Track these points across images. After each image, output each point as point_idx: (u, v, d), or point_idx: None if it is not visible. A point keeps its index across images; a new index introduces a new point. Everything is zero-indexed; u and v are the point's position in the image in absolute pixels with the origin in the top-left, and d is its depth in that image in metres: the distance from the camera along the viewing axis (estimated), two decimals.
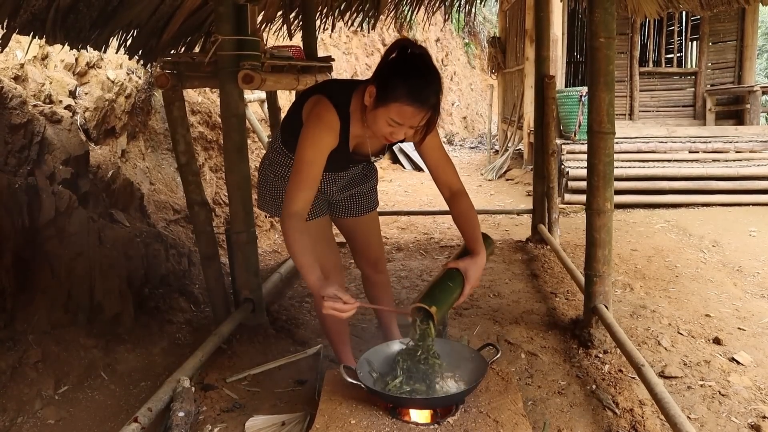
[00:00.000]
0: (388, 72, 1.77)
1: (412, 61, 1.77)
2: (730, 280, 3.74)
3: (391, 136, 1.83)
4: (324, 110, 1.88)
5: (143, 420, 1.92)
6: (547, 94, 4.30)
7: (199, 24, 3.66)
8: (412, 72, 1.75)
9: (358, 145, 2.02)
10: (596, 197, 2.68)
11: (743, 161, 6.28)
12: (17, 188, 2.62)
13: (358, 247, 2.44)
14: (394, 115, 1.75)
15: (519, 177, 7.92)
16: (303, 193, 1.86)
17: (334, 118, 1.88)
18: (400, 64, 1.77)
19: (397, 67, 1.77)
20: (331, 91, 1.94)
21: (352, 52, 10.43)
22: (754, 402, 2.31)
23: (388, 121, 1.78)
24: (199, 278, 3.70)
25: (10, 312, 2.48)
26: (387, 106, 1.75)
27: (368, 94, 1.80)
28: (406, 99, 1.72)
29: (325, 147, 1.88)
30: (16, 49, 3.31)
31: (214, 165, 5.12)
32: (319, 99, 1.92)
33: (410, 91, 1.72)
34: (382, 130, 1.82)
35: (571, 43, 8.84)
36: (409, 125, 1.78)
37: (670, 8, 4.75)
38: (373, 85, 1.78)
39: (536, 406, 2.27)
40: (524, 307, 3.29)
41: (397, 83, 1.73)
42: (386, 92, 1.75)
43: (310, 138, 1.87)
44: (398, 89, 1.73)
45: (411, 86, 1.72)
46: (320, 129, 1.87)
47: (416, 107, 1.73)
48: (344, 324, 2.36)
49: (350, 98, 1.91)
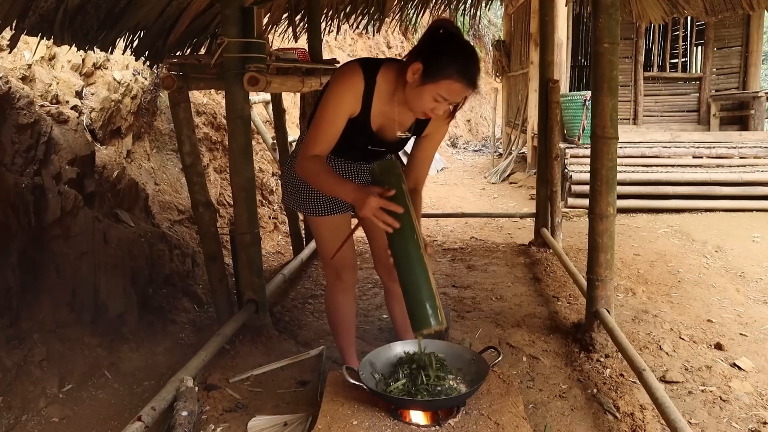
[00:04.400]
0: (437, 49, 1.82)
1: (456, 39, 1.83)
2: (732, 286, 3.73)
3: (432, 112, 1.88)
4: (350, 72, 1.93)
5: (146, 419, 1.93)
6: (551, 98, 4.31)
7: (205, 26, 3.68)
8: (463, 51, 1.82)
9: (382, 128, 2.02)
10: (599, 202, 2.69)
11: (747, 167, 6.27)
12: (23, 188, 2.64)
13: (377, 247, 2.36)
14: (443, 91, 1.80)
15: (522, 180, 7.92)
16: (318, 147, 1.92)
17: (359, 81, 1.91)
18: (449, 42, 1.83)
19: (447, 45, 1.82)
20: (360, 60, 1.99)
21: (357, 55, 10.46)
22: (755, 408, 2.31)
23: (435, 97, 1.82)
24: (202, 279, 3.72)
25: (16, 310, 2.50)
26: (437, 82, 1.80)
27: (412, 70, 1.83)
28: (458, 76, 1.79)
29: (345, 107, 1.92)
30: (24, 50, 3.34)
31: (219, 166, 5.14)
32: (347, 63, 1.99)
33: (462, 70, 1.79)
34: (425, 105, 1.85)
35: (575, 47, 8.84)
36: (452, 101, 1.85)
37: (674, 13, 4.76)
38: (418, 61, 1.82)
39: (537, 409, 2.28)
40: (526, 311, 3.30)
41: (449, 61, 1.79)
42: (437, 69, 1.79)
43: (332, 97, 1.92)
44: (450, 66, 1.78)
45: (463, 65, 1.80)
46: (343, 89, 1.91)
47: (465, 84, 1.80)
48: (352, 323, 2.37)
49: (378, 69, 1.94)
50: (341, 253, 2.20)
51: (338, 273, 2.27)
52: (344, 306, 2.33)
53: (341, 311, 2.34)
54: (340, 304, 2.33)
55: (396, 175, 1.86)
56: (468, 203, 6.99)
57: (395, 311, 2.42)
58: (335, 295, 2.32)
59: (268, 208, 5.32)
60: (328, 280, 2.35)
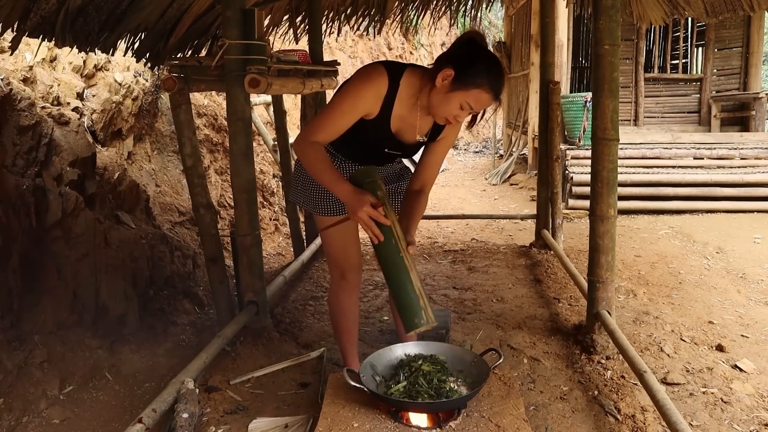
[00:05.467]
0: (471, 58, 1.86)
1: (486, 52, 1.89)
2: (733, 287, 3.73)
3: (456, 119, 1.92)
4: (376, 72, 1.95)
5: (147, 421, 1.93)
6: (551, 99, 4.31)
7: (206, 28, 3.69)
8: (495, 64, 1.88)
9: (399, 132, 2.05)
10: (600, 203, 2.69)
11: (748, 168, 6.27)
12: (25, 189, 2.64)
13: None
14: (471, 99, 1.85)
15: (523, 182, 7.92)
16: (324, 134, 1.94)
17: (383, 83, 1.93)
18: (482, 54, 1.88)
19: (480, 55, 1.87)
20: (385, 62, 2.02)
21: (358, 56, 10.46)
22: (756, 410, 2.31)
23: (462, 104, 1.86)
24: (203, 280, 3.72)
25: (17, 312, 2.50)
26: (467, 90, 1.84)
27: (442, 76, 1.86)
28: (488, 87, 1.84)
29: (362, 104, 1.94)
30: (26, 52, 3.34)
31: (220, 167, 5.14)
32: (372, 64, 2.01)
33: (492, 82, 1.84)
34: (450, 111, 1.89)
35: (576, 48, 8.84)
36: (477, 111, 1.89)
37: (675, 15, 4.76)
38: (449, 67, 1.85)
39: (538, 411, 2.28)
40: (527, 313, 3.30)
41: (481, 71, 1.84)
42: (469, 77, 1.83)
43: (353, 91, 1.95)
44: (481, 77, 1.83)
45: (494, 77, 1.85)
46: (367, 85, 1.93)
47: (492, 96, 1.86)
48: (355, 323, 2.38)
49: (402, 73, 1.96)
50: (347, 254, 2.23)
51: (343, 273, 2.28)
52: (348, 306, 2.34)
53: (345, 311, 2.34)
54: (344, 304, 2.33)
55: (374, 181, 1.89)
56: (469, 204, 6.99)
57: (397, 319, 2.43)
58: (339, 295, 2.33)
59: (268, 209, 5.33)
60: (332, 280, 2.36)
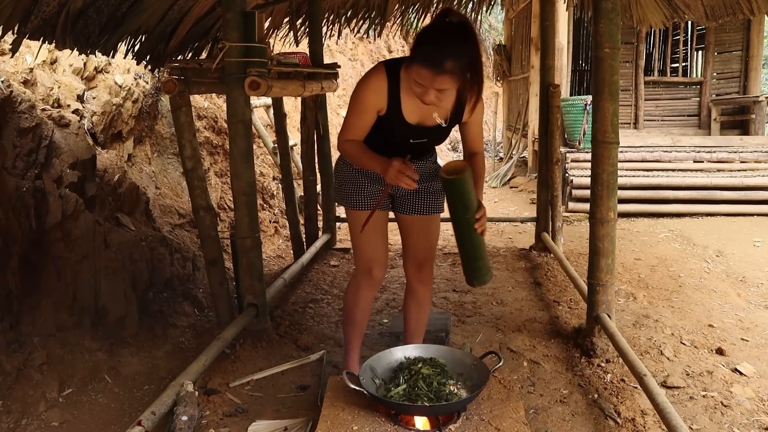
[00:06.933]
0: (419, 36, 1.89)
1: (440, 27, 1.87)
2: (733, 291, 3.73)
3: (423, 98, 1.90)
4: (373, 72, 2.06)
5: (147, 423, 1.93)
6: (551, 102, 4.31)
7: (207, 30, 3.70)
8: (432, 36, 1.85)
9: (422, 121, 2.10)
10: (600, 206, 2.69)
11: (748, 171, 6.27)
12: (25, 191, 2.64)
13: (410, 244, 2.36)
14: (415, 75, 1.86)
15: (523, 185, 7.92)
16: (350, 134, 2.10)
17: (381, 79, 2.02)
18: (427, 28, 1.90)
19: (423, 31, 1.90)
20: (385, 61, 2.10)
21: (358, 59, 10.47)
22: (756, 413, 2.31)
23: (413, 83, 1.89)
24: (203, 283, 3.72)
25: (16, 314, 2.50)
26: (410, 67, 1.88)
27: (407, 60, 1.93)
28: (422, 60, 1.83)
29: (368, 104, 2.05)
30: (26, 54, 3.35)
31: (220, 170, 5.15)
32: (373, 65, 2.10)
33: (424, 55, 1.83)
34: (414, 91, 1.91)
35: (576, 51, 8.85)
36: (432, 87, 1.85)
37: (675, 18, 4.77)
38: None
39: (538, 414, 2.27)
40: (527, 316, 3.29)
41: (419, 46, 1.86)
42: (412, 55, 1.87)
43: (356, 92, 2.07)
44: (419, 51, 1.85)
45: (426, 50, 1.83)
46: (366, 87, 2.05)
47: (430, 70, 1.81)
48: (366, 319, 2.40)
49: (400, 66, 2.02)
50: (375, 249, 2.27)
51: (370, 268, 2.28)
52: (365, 301, 2.36)
53: (361, 305, 2.36)
54: (362, 298, 2.35)
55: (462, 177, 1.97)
56: None
57: (410, 312, 2.43)
58: (361, 289, 2.33)
59: (268, 212, 5.33)
60: (357, 273, 2.35)
